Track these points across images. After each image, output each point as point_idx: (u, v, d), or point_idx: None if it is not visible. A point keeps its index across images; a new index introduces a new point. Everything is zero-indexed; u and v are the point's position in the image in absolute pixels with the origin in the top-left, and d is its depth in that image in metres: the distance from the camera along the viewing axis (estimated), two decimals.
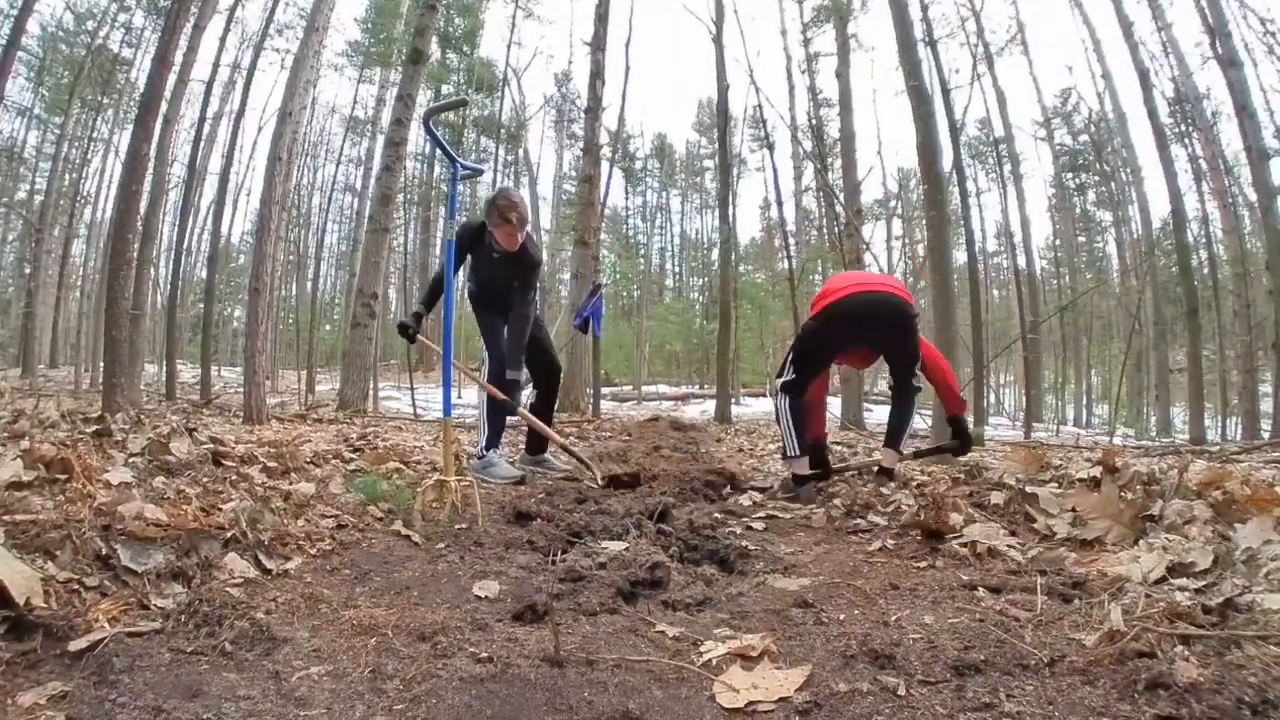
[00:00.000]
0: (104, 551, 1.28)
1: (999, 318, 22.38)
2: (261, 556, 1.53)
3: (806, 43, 15.89)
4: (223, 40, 13.05)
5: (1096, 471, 2.08)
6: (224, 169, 12.68)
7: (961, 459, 3.23)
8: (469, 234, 3.25)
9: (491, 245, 3.24)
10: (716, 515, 2.47)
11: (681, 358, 25.19)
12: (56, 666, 0.98)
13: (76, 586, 1.18)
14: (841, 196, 11.24)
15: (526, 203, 3.61)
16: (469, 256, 3.35)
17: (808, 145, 15.47)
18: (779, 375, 3.03)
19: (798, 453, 2.85)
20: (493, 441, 3.34)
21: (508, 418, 3.46)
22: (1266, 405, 10.45)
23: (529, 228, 3.26)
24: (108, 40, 16.45)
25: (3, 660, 0.95)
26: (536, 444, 3.64)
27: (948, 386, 3.12)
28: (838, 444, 4.86)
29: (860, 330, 2.92)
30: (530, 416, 3.41)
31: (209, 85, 12.76)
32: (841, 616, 1.34)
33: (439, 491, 2.33)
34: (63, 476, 1.62)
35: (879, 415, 13.37)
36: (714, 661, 1.12)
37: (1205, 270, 14.22)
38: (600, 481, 3.00)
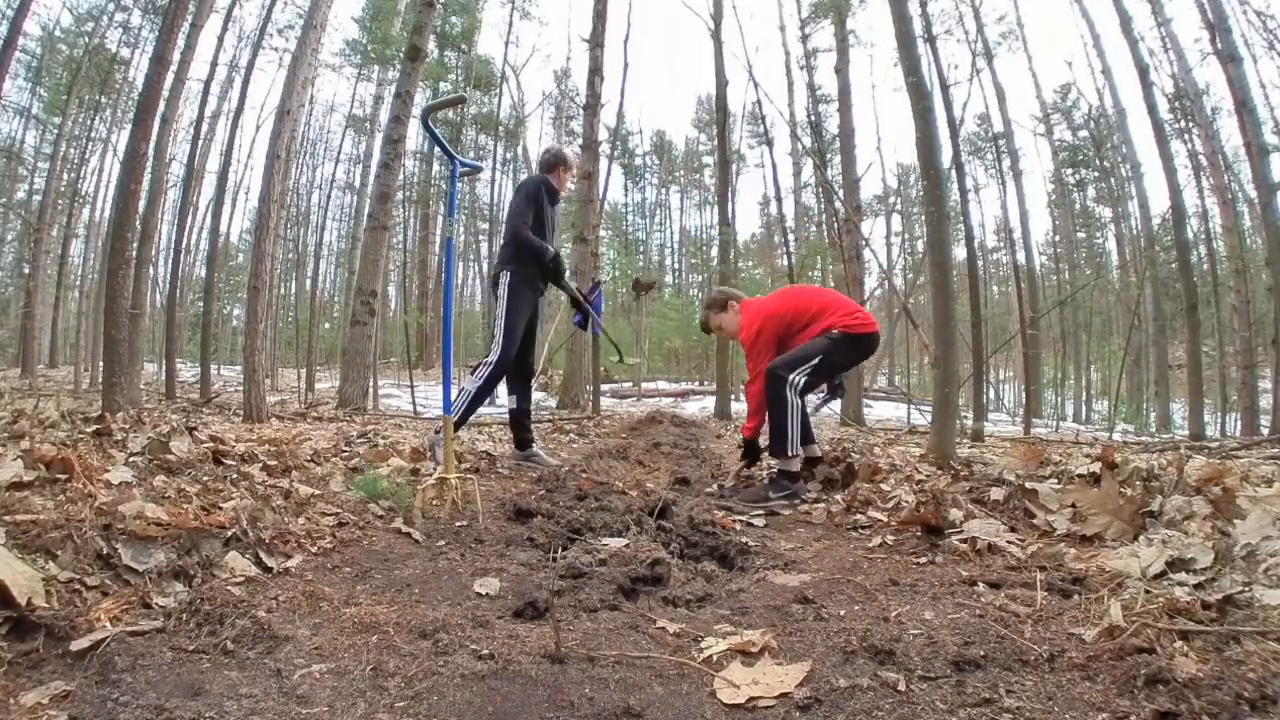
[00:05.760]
0: (105, 551, 1.28)
1: (998, 313, 22.39)
2: (262, 555, 1.53)
3: (805, 39, 15.88)
4: (220, 39, 13.05)
5: (1096, 467, 2.08)
6: (222, 167, 12.66)
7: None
8: (544, 185, 3.53)
9: (552, 195, 3.55)
10: (717, 511, 2.47)
11: (681, 354, 25.15)
12: (58, 666, 0.98)
13: (78, 586, 1.18)
14: (841, 192, 11.22)
15: None
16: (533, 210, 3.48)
17: (807, 141, 15.45)
18: (791, 369, 2.89)
19: (799, 452, 2.88)
20: (460, 423, 3.38)
21: (480, 412, 3.54)
22: (1266, 401, 10.44)
23: None
24: (105, 39, 16.42)
25: (5, 660, 0.95)
26: (525, 439, 3.70)
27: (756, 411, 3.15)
28: (836, 438, 4.88)
29: (861, 357, 3.30)
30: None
31: (207, 84, 12.75)
32: (842, 612, 1.35)
33: (439, 489, 2.34)
34: (63, 476, 1.62)
35: (878, 411, 13.42)
36: (715, 657, 1.12)
37: (1205, 266, 14.22)
38: None
